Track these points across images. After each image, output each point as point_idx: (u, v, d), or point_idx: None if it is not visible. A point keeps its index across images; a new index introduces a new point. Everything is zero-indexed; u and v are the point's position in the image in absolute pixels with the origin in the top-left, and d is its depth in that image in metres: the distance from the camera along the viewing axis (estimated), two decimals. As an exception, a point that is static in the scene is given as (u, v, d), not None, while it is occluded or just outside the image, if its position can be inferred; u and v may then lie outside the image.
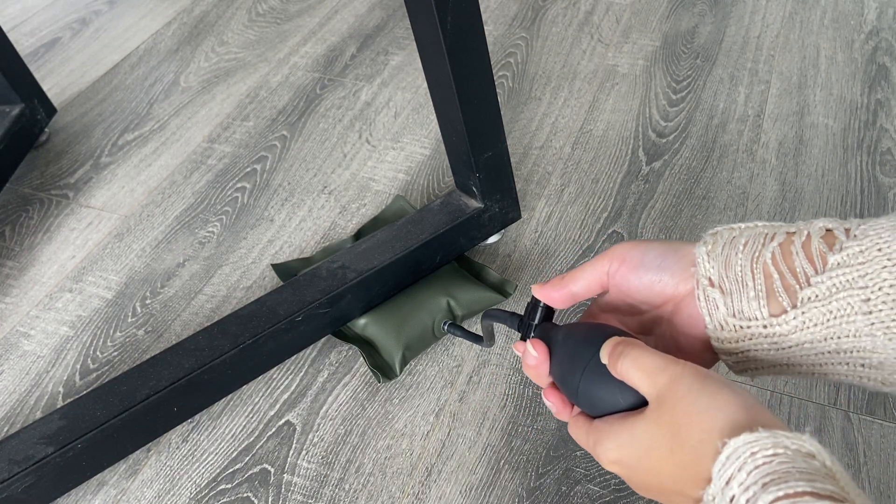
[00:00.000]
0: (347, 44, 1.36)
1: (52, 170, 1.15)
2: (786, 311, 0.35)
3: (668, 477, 0.33)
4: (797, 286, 0.35)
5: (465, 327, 0.84)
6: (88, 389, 0.84)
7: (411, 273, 0.84)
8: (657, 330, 0.42)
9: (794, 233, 0.37)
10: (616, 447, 0.36)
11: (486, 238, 0.91)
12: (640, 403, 0.36)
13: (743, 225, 0.39)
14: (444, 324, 0.82)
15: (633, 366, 0.35)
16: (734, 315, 0.37)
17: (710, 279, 0.38)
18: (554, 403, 0.42)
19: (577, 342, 0.40)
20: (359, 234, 0.97)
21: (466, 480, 0.73)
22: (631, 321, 0.44)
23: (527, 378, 0.81)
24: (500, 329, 0.85)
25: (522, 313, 0.46)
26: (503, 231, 0.92)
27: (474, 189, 0.85)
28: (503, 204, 0.88)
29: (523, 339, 0.45)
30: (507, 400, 0.79)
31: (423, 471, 0.74)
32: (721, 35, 1.27)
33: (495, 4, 1.41)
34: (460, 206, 0.86)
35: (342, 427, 0.78)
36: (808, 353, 0.36)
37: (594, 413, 0.38)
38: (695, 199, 0.98)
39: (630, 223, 0.96)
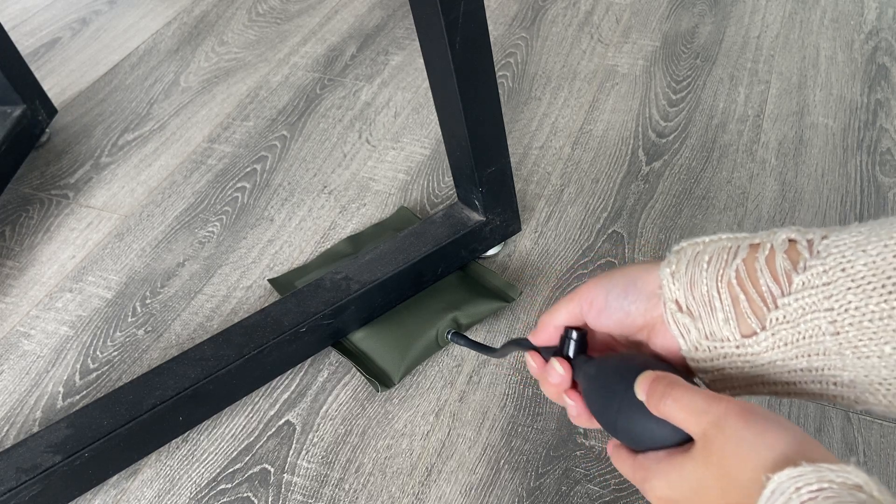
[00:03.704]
0: (347, 44, 1.36)
1: (53, 170, 1.15)
2: (756, 333, 0.36)
3: None
4: (764, 308, 0.35)
5: (469, 335, 0.84)
6: (89, 389, 0.84)
7: (413, 285, 0.85)
8: (642, 350, 0.43)
9: (759, 245, 0.37)
10: (665, 486, 0.36)
11: (487, 250, 0.92)
12: (685, 439, 0.36)
13: (707, 238, 0.39)
14: (448, 332, 0.82)
15: (675, 406, 0.35)
16: (706, 337, 0.37)
17: (676, 301, 0.38)
18: (576, 404, 0.42)
19: (610, 375, 0.40)
20: (355, 239, 0.97)
21: (466, 480, 0.73)
22: (620, 346, 0.44)
23: (527, 378, 0.81)
24: (502, 321, 0.85)
25: (557, 345, 0.45)
26: (503, 243, 0.93)
27: (477, 203, 0.86)
28: (504, 217, 0.89)
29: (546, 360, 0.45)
30: (507, 400, 0.79)
31: (423, 471, 0.74)
32: (721, 35, 1.27)
33: (495, 4, 1.41)
34: (462, 219, 0.87)
35: (342, 427, 0.78)
36: (781, 371, 0.36)
37: (636, 447, 0.38)
38: (695, 199, 0.98)
39: (630, 223, 0.96)
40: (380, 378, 0.80)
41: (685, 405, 0.34)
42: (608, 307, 0.41)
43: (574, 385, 0.43)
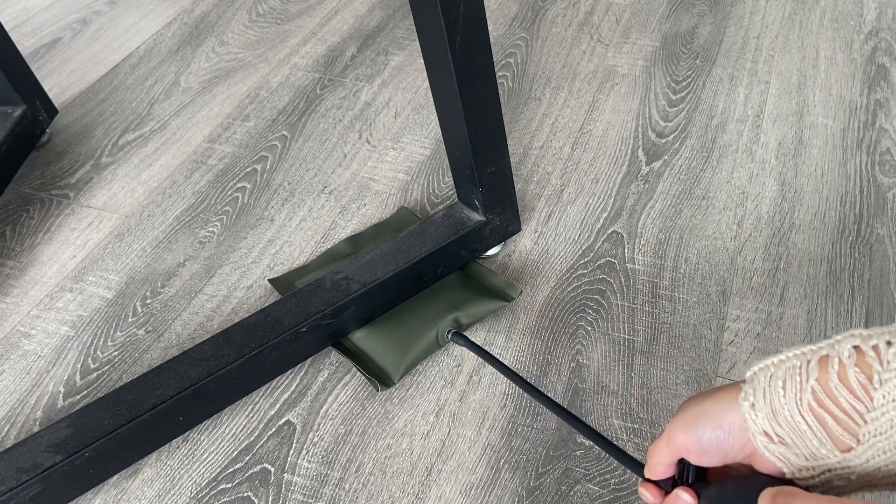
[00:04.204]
0: (348, 44, 1.36)
1: (53, 170, 1.15)
2: (853, 448, 0.37)
3: None
4: (853, 423, 0.36)
5: (469, 335, 0.85)
6: (89, 389, 0.84)
7: (413, 285, 0.85)
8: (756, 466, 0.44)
9: (827, 358, 0.37)
10: None
11: (487, 250, 0.92)
12: None
13: (776, 359, 0.40)
14: (449, 332, 0.82)
15: None
16: (807, 459, 0.38)
17: (765, 433, 0.39)
18: None
19: (732, 499, 0.41)
20: (356, 239, 0.97)
21: (466, 480, 0.73)
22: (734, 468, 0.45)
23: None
24: (502, 321, 0.85)
25: (675, 475, 0.47)
26: (503, 243, 0.93)
27: (477, 203, 0.86)
28: (504, 217, 0.89)
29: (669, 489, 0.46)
30: (506, 399, 0.79)
31: (423, 470, 0.74)
32: (720, 35, 1.28)
33: (495, 4, 1.41)
34: (462, 219, 0.87)
35: (342, 426, 0.78)
36: (890, 472, 0.37)
37: None
38: (694, 199, 0.98)
39: (630, 223, 0.96)
40: (380, 378, 0.80)
41: None
42: (705, 451, 0.41)
43: None
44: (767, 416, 0.39)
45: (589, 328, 0.84)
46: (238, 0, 1.52)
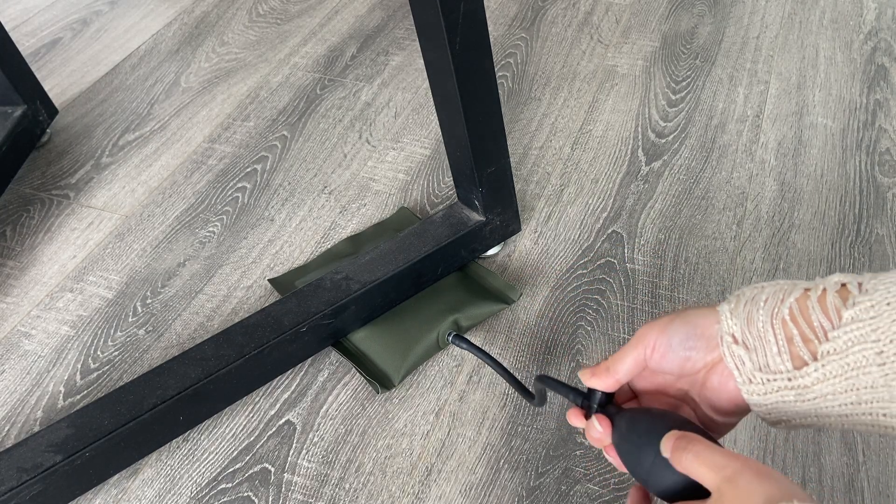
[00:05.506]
0: (348, 44, 1.36)
1: (53, 170, 1.15)
2: (807, 364, 0.38)
3: None
4: (816, 340, 0.38)
5: (469, 336, 0.85)
6: (89, 389, 0.84)
7: (413, 285, 0.85)
8: (691, 392, 0.46)
9: (811, 288, 0.39)
10: None
11: (487, 250, 0.92)
12: (706, 494, 0.39)
13: (766, 284, 0.42)
14: (449, 335, 0.82)
15: (694, 461, 0.38)
16: (760, 369, 0.40)
17: (733, 336, 0.41)
18: (616, 459, 0.46)
19: (640, 431, 0.43)
20: (356, 239, 0.97)
21: (466, 480, 0.73)
22: (667, 389, 0.47)
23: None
24: (502, 321, 0.85)
25: (585, 390, 0.49)
26: (503, 243, 0.94)
27: (476, 203, 0.86)
28: (504, 217, 0.89)
29: (587, 416, 0.48)
30: (506, 399, 0.79)
31: (423, 470, 0.74)
32: (720, 35, 1.28)
33: (495, 5, 1.41)
34: (462, 219, 0.87)
35: (342, 426, 0.78)
36: (833, 405, 0.38)
37: (666, 500, 0.42)
38: (694, 199, 0.99)
39: (629, 223, 0.96)
40: (380, 380, 0.80)
41: (704, 461, 0.37)
42: (671, 351, 0.43)
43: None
44: (741, 322, 0.41)
45: (589, 328, 0.85)
46: (238, 0, 1.53)
